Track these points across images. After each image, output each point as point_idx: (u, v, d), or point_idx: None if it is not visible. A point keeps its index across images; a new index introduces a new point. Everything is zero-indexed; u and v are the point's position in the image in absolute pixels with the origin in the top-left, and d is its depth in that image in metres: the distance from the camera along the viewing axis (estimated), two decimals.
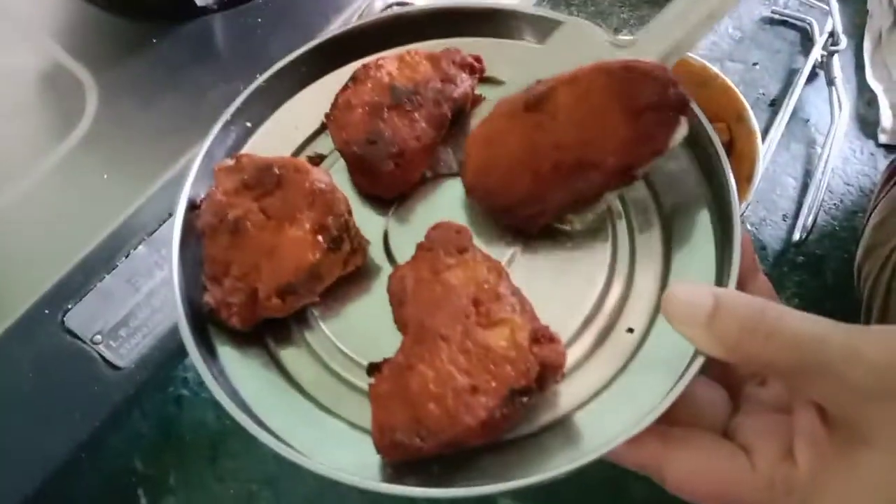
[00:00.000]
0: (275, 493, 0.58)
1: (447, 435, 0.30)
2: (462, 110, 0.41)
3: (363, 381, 0.35)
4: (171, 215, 0.48)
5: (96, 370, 0.51)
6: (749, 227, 0.67)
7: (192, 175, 0.38)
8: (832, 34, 0.77)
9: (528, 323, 0.32)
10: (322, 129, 0.41)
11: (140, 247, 0.51)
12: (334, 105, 0.40)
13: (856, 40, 0.77)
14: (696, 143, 0.38)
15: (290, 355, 0.36)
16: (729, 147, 0.67)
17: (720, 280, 0.34)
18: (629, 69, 0.34)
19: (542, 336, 0.32)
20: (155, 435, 0.61)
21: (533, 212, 0.36)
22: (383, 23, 0.43)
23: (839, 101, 0.73)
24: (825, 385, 0.26)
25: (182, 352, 0.54)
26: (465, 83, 0.40)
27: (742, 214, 0.59)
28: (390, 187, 0.39)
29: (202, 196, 0.38)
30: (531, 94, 0.35)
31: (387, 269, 0.38)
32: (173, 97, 0.54)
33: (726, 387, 0.33)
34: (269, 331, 0.36)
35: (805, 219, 0.67)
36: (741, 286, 0.33)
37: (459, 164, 0.39)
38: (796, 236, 0.66)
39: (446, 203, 0.39)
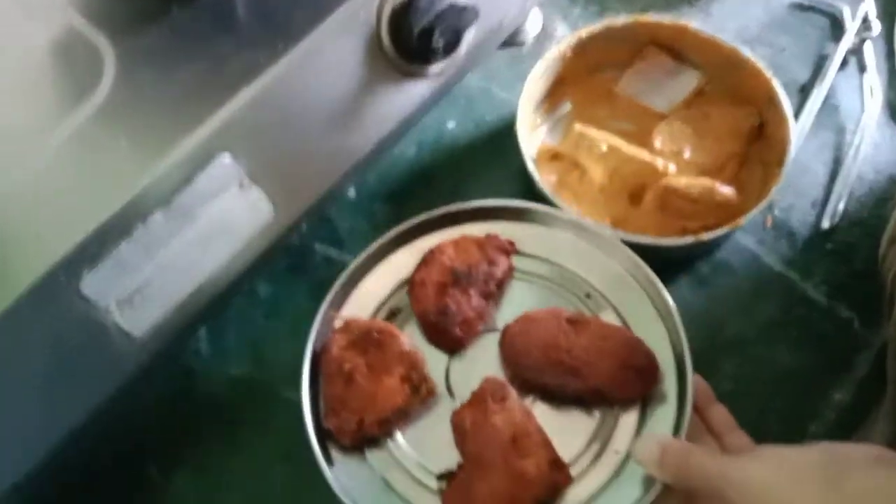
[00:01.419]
0: (292, 468, 0.55)
1: None
2: (503, 282, 0.54)
3: (430, 482, 0.48)
4: (188, 183, 0.47)
5: (110, 339, 0.49)
6: (777, 213, 0.64)
7: (315, 330, 0.52)
8: (865, 20, 0.73)
9: (547, 454, 0.46)
10: (398, 288, 0.54)
11: (157, 214, 0.49)
12: (412, 283, 0.53)
13: (886, 27, 0.73)
14: (670, 329, 0.51)
15: (380, 460, 0.49)
16: (759, 131, 0.66)
17: (679, 422, 0.47)
18: (640, 344, 0.50)
19: (556, 464, 0.46)
20: (165, 407, 0.59)
21: (532, 379, 0.50)
22: (440, 216, 0.56)
23: (871, 88, 0.69)
24: (718, 497, 0.39)
25: (196, 322, 0.54)
26: (503, 264, 0.53)
27: (771, 199, 0.58)
28: (456, 346, 0.52)
29: (321, 346, 0.52)
30: (576, 316, 0.50)
31: (447, 398, 0.51)
32: (193, 65, 0.50)
33: None
34: (366, 442, 0.49)
35: (834, 206, 0.63)
36: (701, 414, 0.49)
37: (504, 327, 0.52)
38: (825, 224, 0.63)
39: (493, 351, 0.52)
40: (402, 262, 0.55)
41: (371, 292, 0.55)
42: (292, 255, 0.64)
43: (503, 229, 0.55)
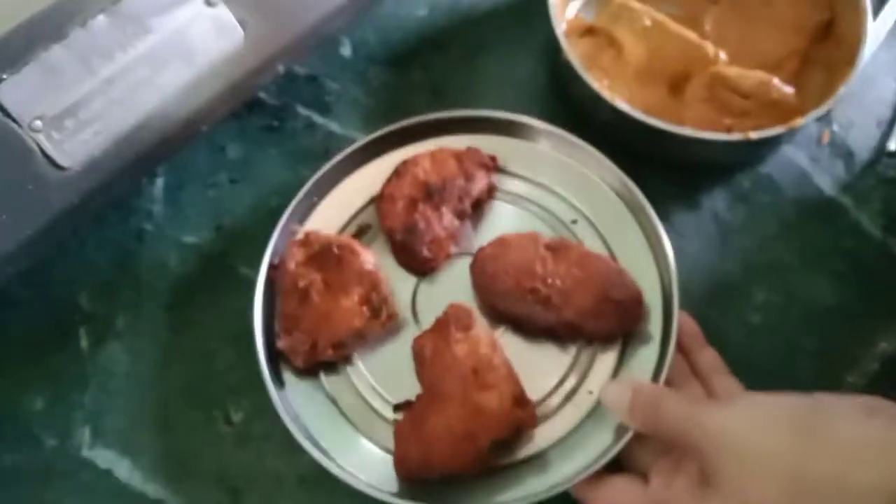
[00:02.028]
0: (237, 354, 0.47)
1: (446, 469, 0.41)
2: (480, 200, 0.49)
3: (388, 412, 0.45)
4: None
5: (33, 165, 0.41)
6: (836, 128, 0.55)
7: (272, 243, 0.47)
8: None
9: (511, 389, 0.42)
10: (370, 202, 0.49)
11: (100, 16, 0.41)
12: (380, 196, 0.48)
13: None
14: (660, 261, 0.47)
15: (335, 385, 0.46)
16: (828, 27, 0.57)
17: (660, 365, 0.43)
18: (623, 276, 0.45)
19: (520, 400, 0.42)
20: (108, 270, 0.51)
21: (503, 308, 0.45)
22: (421, 123, 0.50)
23: None
24: (692, 447, 0.36)
25: (143, 165, 0.46)
26: (482, 180, 0.48)
27: (834, 103, 0.49)
28: (423, 267, 0.48)
29: (277, 260, 0.47)
30: (555, 242, 0.46)
31: (412, 323, 0.47)
32: None
33: None
34: (322, 365, 0.45)
35: None
36: (689, 357, 0.45)
37: (476, 251, 0.47)
38: (891, 146, 0.54)
39: (464, 276, 0.47)
40: (375, 175, 0.49)
41: (339, 206, 0.50)
42: (270, 114, 0.55)
43: (486, 143, 0.50)
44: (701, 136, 0.47)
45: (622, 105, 0.47)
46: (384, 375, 0.46)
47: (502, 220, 0.49)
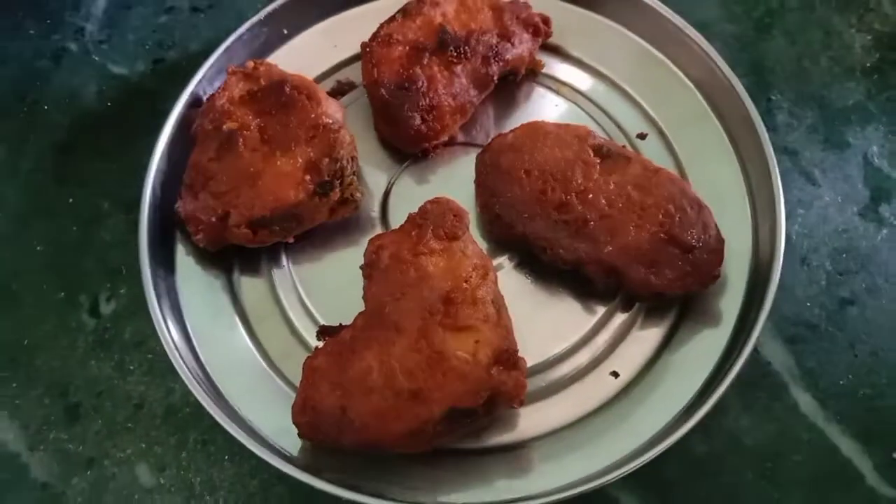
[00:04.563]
0: (130, 225, 0.35)
1: (369, 435, 0.27)
2: (514, 74, 0.36)
3: (310, 336, 0.32)
4: None
5: None
6: None
7: (205, 67, 0.35)
8: None
9: (497, 339, 0.28)
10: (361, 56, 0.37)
11: None
12: (374, 36, 0.36)
13: None
14: (760, 207, 0.33)
15: (251, 290, 0.33)
16: None
17: (728, 356, 0.30)
18: (702, 211, 0.31)
19: (506, 359, 0.28)
20: (3, 90, 0.39)
21: (513, 224, 0.32)
22: None
23: None
24: None
25: None
26: (523, 44, 0.36)
27: None
28: (412, 142, 0.34)
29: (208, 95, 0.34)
30: (611, 146, 0.33)
31: (378, 226, 0.34)
32: None
33: None
34: (237, 255, 0.33)
35: None
36: None
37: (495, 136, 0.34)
38: None
39: (465, 174, 0.34)
40: (379, 17, 0.37)
41: (318, 49, 0.38)
42: None
43: (541, 5, 0.37)
44: None
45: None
46: (322, 288, 0.33)
47: (539, 114, 0.37)
